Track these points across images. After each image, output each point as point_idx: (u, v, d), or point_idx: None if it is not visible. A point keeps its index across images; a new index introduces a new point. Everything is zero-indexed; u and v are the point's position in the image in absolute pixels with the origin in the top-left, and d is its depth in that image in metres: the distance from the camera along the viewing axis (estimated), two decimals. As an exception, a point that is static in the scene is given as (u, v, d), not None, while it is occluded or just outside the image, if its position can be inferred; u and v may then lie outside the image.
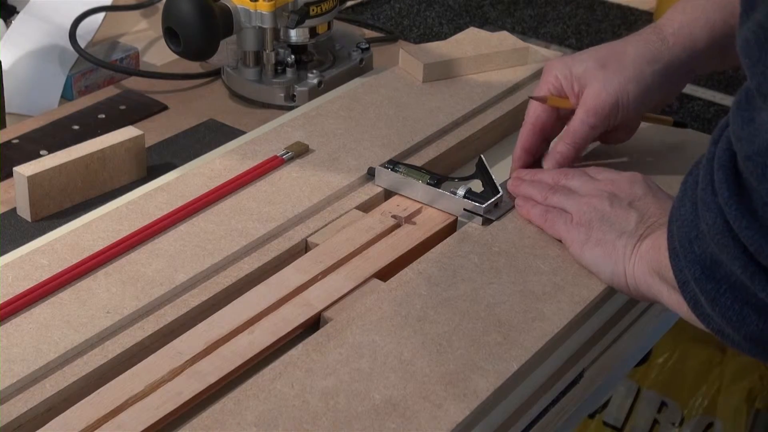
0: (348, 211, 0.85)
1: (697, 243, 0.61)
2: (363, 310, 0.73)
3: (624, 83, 0.81)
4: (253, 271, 0.77)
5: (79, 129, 1.01)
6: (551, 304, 0.74)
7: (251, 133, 0.97)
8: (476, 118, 0.98)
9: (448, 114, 0.97)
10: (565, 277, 0.77)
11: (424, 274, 0.77)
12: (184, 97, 1.10)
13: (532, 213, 0.82)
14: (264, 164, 0.88)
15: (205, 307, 0.74)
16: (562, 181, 0.83)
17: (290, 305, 0.74)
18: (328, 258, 0.79)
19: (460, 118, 0.97)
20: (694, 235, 0.61)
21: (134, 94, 1.09)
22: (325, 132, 0.94)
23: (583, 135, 0.83)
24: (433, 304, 0.74)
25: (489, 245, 0.80)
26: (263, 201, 0.84)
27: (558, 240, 0.80)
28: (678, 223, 0.63)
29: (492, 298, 0.75)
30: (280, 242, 0.80)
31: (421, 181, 0.86)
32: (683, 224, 0.62)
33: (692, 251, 0.61)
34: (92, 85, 1.10)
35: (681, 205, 0.63)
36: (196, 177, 0.86)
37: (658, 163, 0.92)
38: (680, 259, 0.63)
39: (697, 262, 0.61)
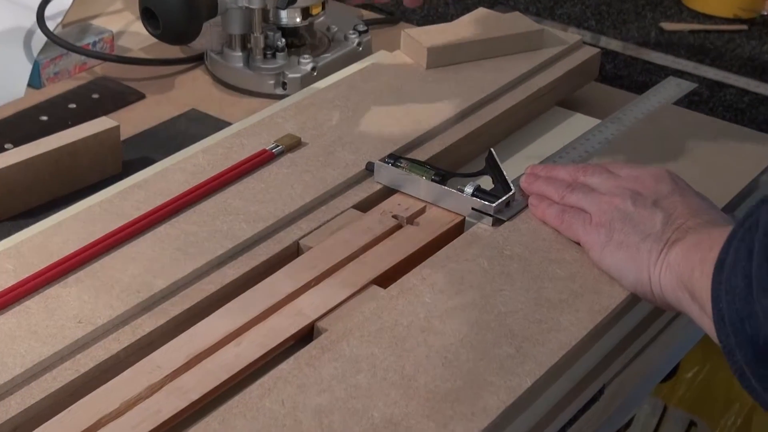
0: (344, 211, 0.85)
1: (750, 323, 0.61)
2: (361, 319, 0.73)
3: None
4: (239, 277, 0.77)
5: (48, 120, 1.01)
6: (568, 313, 0.75)
7: (237, 124, 0.97)
8: (486, 108, 0.98)
9: (455, 103, 0.97)
10: (584, 284, 0.77)
11: (428, 281, 0.77)
12: (164, 84, 1.10)
13: (547, 213, 0.82)
14: (252, 159, 0.88)
15: (186, 316, 0.74)
16: (580, 177, 0.83)
17: (280, 314, 0.74)
18: (322, 262, 0.79)
19: (468, 108, 0.97)
20: (747, 314, 0.61)
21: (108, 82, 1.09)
22: (319, 123, 0.94)
23: None
24: (438, 313, 0.74)
25: (500, 248, 0.80)
26: (251, 200, 0.84)
27: (576, 243, 0.80)
28: (728, 297, 0.63)
29: (503, 306, 0.75)
30: (269, 245, 0.80)
31: (425, 177, 0.86)
32: (734, 299, 0.62)
33: (743, 330, 0.61)
34: (62, 72, 1.10)
35: (732, 275, 0.63)
36: (176, 173, 0.87)
37: (684, 157, 0.92)
38: (729, 334, 0.63)
39: (749, 343, 0.61)
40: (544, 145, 0.99)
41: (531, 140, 1.01)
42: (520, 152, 0.99)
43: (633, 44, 1.32)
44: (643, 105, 1.01)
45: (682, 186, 0.79)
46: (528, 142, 1.00)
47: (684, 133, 0.96)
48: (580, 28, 1.34)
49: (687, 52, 1.31)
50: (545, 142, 1.00)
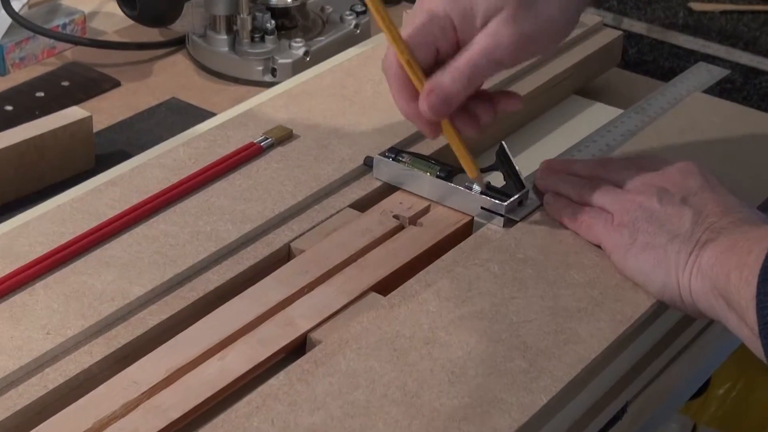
0: (340, 210, 0.85)
1: None
2: (358, 330, 0.73)
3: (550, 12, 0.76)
4: (224, 283, 0.77)
5: (13, 110, 1.01)
6: (588, 323, 0.74)
7: (222, 114, 0.97)
8: (496, 97, 0.98)
9: (462, 92, 0.97)
10: (605, 291, 0.77)
11: (432, 287, 0.77)
12: (141, 71, 1.10)
13: (564, 212, 0.82)
14: (238, 153, 0.88)
15: (166, 326, 0.74)
16: (601, 173, 0.83)
17: (270, 324, 0.74)
18: (315, 267, 0.79)
19: (476, 96, 0.97)
20: None
21: (80, 68, 1.09)
22: (312, 114, 0.94)
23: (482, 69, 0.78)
24: (443, 323, 0.74)
25: (512, 252, 0.80)
26: (237, 198, 0.84)
27: (596, 245, 0.80)
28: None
29: (516, 315, 0.75)
30: (257, 248, 0.80)
31: (429, 173, 0.86)
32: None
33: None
34: (28, 57, 1.10)
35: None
36: (155, 169, 0.86)
37: (715, 150, 0.92)
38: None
39: None
40: (561, 137, 0.99)
41: (546, 132, 1.01)
42: (534, 145, 0.98)
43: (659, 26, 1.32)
44: (670, 93, 1.01)
45: (712, 182, 0.79)
46: (543, 135, 1.00)
47: (715, 124, 0.95)
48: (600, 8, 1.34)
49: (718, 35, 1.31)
50: (562, 134, 1.00)
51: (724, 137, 0.94)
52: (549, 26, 0.77)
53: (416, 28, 0.77)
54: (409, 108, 0.78)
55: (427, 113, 0.77)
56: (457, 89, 0.77)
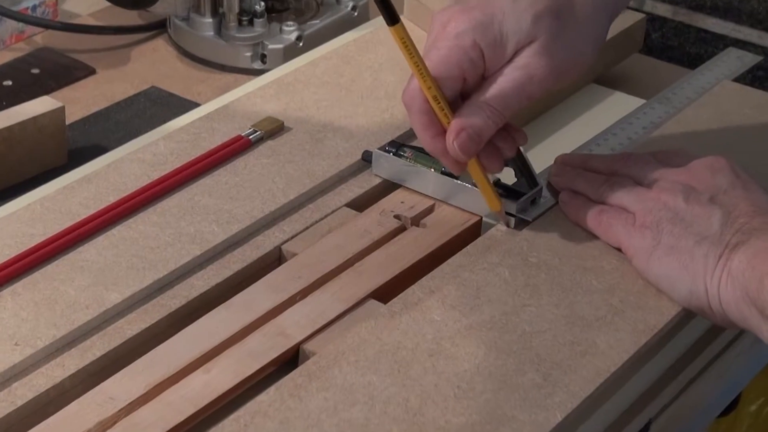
0: (336, 210, 0.85)
1: None
2: (356, 341, 0.73)
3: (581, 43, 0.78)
4: (209, 290, 0.77)
5: (-22, 100, 1.01)
6: (607, 333, 0.74)
7: (207, 105, 0.97)
8: (507, 86, 0.98)
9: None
10: (626, 298, 0.77)
11: (437, 294, 0.77)
12: (118, 57, 1.10)
13: (581, 212, 0.82)
14: (224, 147, 0.88)
15: (145, 337, 0.74)
16: (621, 169, 0.83)
17: (259, 335, 0.74)
18: (309, 272, 0.79)
19: (485, 85, 0.97)
20: None
21: (51, 54, 1.09)
22: (305, 104, 0.94)
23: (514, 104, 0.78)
24: (449, 333, 0.74)
25: (524, 255, 0.80)
26: (223, 196, 0.84)
27: (616, 248, 0.80)
28: None
29: (528, 325, 0.75)
30: (245, 251, 0.80)
31: (434, 169, 0.86)
32: None
33: None
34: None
35: None
36: (133, 164, 0.86)
37: (746, 144, 0.92)
38: None
39: None
40: (578, 129, 0.99)
41: (562, 124, 1.01)
42: (548, 139, 0.98)
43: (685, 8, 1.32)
44: (697, 82, 1.01)
45: (743, 179, 0.79)
46: (558, 127, 1.00)
47: (746, 115, 0.95)
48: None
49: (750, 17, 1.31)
50: (579, 126, 1.00)
51: (756, 129, 0.94)
52: (580, 56, 0.78)
53: (443, 58, 0.76)
54: (435, 144, 0.78)
55: (456, 153, 0.77)
56: (489, 127, 0.77)
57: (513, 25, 0.75)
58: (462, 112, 0.77)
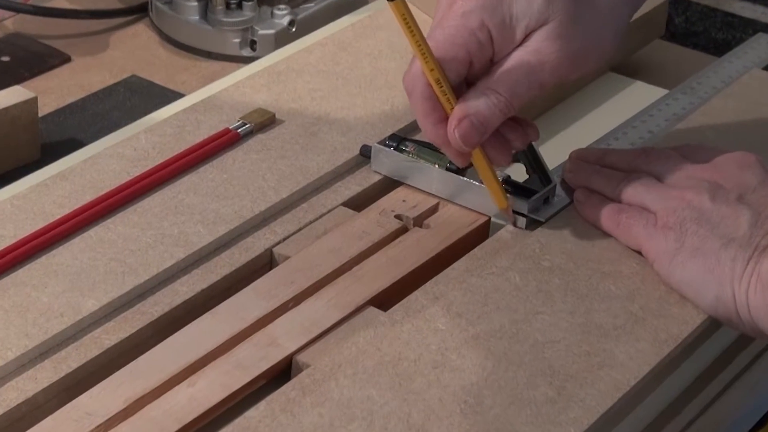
0: (332, 209, 0.85)
1: None
2: (354, 352, 0.73)
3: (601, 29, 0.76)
4: (194, 296, 0.77)
5: (-57, 90, 1.01)
6: (626, 343, 0.75)
7: (192, 96, 0.97)
8: (518, 75, 0.98)
9: (477, 68, 0.97)
10: (647, 305, 0.77)
11: (442, 301, 0.77)
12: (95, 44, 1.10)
13: (598, 212, 0.82)
14: (211, 141, 0.88)
15: (125, 347, 0.74)
16: (641, 165, 0.83)
17: (248, 345, 0.74)
18: (303, 277, 0.79)
19: (494, 74, 0.97)
20: None
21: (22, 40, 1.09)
22: (299, 95, 0.94)
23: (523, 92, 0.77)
24: (455, 343, 0.74)
25: (536, 258, 0.80)
26: (209, 194, 0.84)
27: (636, 251, 0.80)
28: None
29: (541, 334, 0.75)
30: (234, 254, 0.80)
31: (438, 165, 0.86)
32: None
33: None
34: (-38, 27, 1.10)
35: None
36: (112, 160, 0.87)
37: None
38: None
39: None
40: (594, 122, 0.99)
41: (577, 116, 1.01)
42: (562, 132, 0.98)
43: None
44: (724, 70, 1.01)
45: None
46: (573, 119, 1.00)
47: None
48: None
49: (781, 0, 1.31)
50: (595, 118, 1.00)
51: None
52: (597, 43, 0.76)
53: (448, 39, 0.75)
54: (437, 132, 0.77)
55: (457, 142, 0.76)
56: (495, 115, 0.76)
57: (523, 5, 0.75)
58: (466, 97, 0.76)
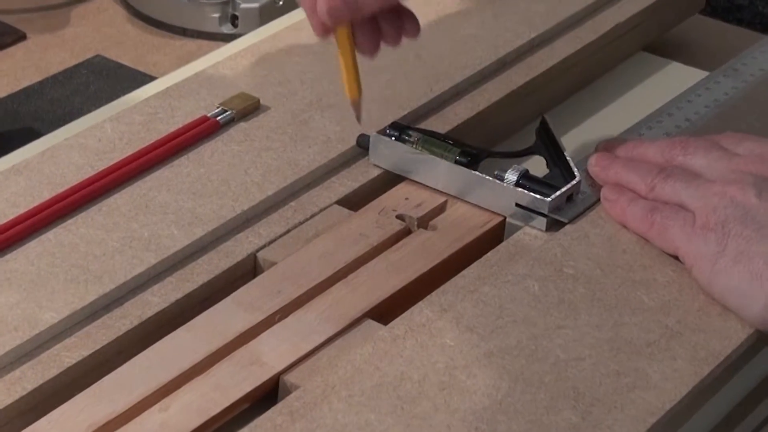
0: (325, 208, 0.85)
1: None
2: (350, 371, 0.73)
3: None
4: (167, 308, 0.77)
5: None
6: (660, 361, 0.75)
7: (165, 78, 0.97)
8: (537, 55, 0.98)
9: (490, 47, 0.97)
10: (684, 317, 0.77)
11: (450, 313, 0.77)
12: (54, 19, 1.10)
13: (629, 211, 0.82)
14: (186, 130, 0.88)
15: (88, 366, 0.74)
16: (678, 157, 0.83)
17: (229, 363, 0.74)
18: (291, 286, 0.79)
19: (509, 53, 0.97)
20: None
21: (-29, 15, 1.09)
22: (286, 77, 0.94)
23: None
24: (464, 361, 0.74)
25: (558, 264, 0.80)
26: (185, 191, 0.84)
27: (672, 256, 0.80)
28: None
29: (563, 351, 0.75)
30: (212, 259, 0.80)
31: (446, 157, 0.86)
32: None
33: None
34: None
35: None
36: (73, 152, 0.87)
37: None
38: None
39: None
40: (624, 109, 0.99)
41: (605, 102, 1.01)
42: (588, 120, 0.98)
43: (757, -42, 1.33)
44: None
45: (830, 170, 0.80)
46: (600, 105, 1.00)
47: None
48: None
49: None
50: (626, 104, 1.00)
51: None
52: None
53: None
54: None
55: (323, 13, 0.77)
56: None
57: None
58: None
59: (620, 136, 0.91)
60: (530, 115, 0.95)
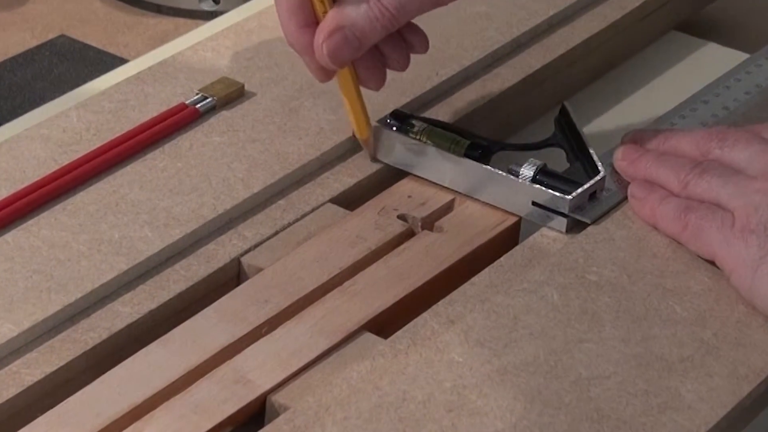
0: (317, 208, 0.85)
1: None
2: (345, 390, 0.73)
3: None
4: (140, 319, 0.77)
5: None
6: (695, 380, 0.75)
7: (138, 61, 0.97)
8: (555, 35, 0.99)
9: (504, 26, 0.97)
10: (722, 330, 0.77)
11: (458, 325, 0.77)
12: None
13: (660, 211, 0.82)
14: (162, 120, 0.88)
15: (51, 384, 0.74)
16: (715, 150, 0.83)
17: (210, 382, 0.74)
18: (280, 294, 0.79)
19: (525, 33, 0.97)
20: None
21: None
22: (274, 60, 0.94)
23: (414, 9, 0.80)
24: (474, 380, 0.74)
25: (580, 270, 0.80)
26: (160, 188, 0.84)
27: (709, 260, 0.80)
28: None
29: (585, 368, 0.75)
30: (191, 265, 0.81)
31: (454, 150, 0.86)
32: None
33: None
34: None
35: None
36: (34, 144, 0.87)
37: None
38: None
39: None
40: (655, 96, 0.99)
41: (633, 87, 1.01)
42: (614, 108, 0.99)
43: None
44: (822, 29, 1.01)
45: None
46: (627, 92, 1.00)
47: None
48: None
49: None
50: (656, 90, 1.00)
51: None
52: None
53: None
54: (301, 38, 0.79)
55: (323, 58, 0.78)
56: (375, 31, 0.78)
57: None
58: (343, 2, 0.77)
59: (650, 126, 0.91)
60: (548, 103, 0.95)
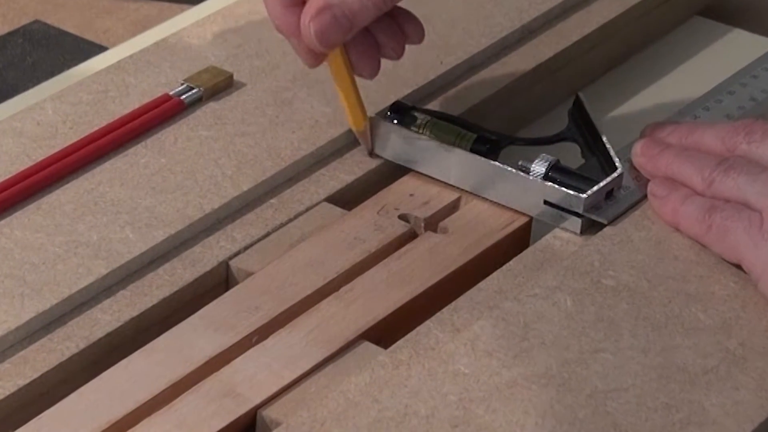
0: (312, 207, 0.85)
1: None
2: (342, 404, 0.73)
3: None
4: (121, 327, 0.78)
5: None
6: (720, 392, 0.75)
7: (118, 48, 0.97)
8: (569, 21, 0.99)
9: (513, 11, 0.98)
10: (749, 339, 0.78)
11: (464, 334, 0.77)
12: (-17, -24, 1.11)
13: (683, 211, 0.82)
14: (144, 112, 0.88)
15: (26, 397, 0.74)
16: (741, 145, 0.83)
17: (196, 395, 0.75)
18: (272, 300, 0.79)
19: (536, 19, 0.98)
20: None
21: None
22: (265, 48, 0.94)
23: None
24: (482, 393, 0.74)
25: (595, 274, 0.81)
26: (142, 186, 0.85)
27: (735, 264, 0.81)
28: None
29: (602, 380, 0.75)
30: (176, 269, 0.81)
31: (460, 145, 0.86)
32: None
33: None
34: None
35: None
36: (7, 138, 0.87)
37: None
38: None
39: None
40: (677, 85, 1.00)
41: (654, 76, 1.01)
42: (633, 98, 0.99)
43: None
44: None
45: None
46: (648, 81, 1.00)
47: None
48: None
49: None
50: (678, 80, 1.00)
51: None
52: None
53: None
54: (287, 18, 0.79)
55: (311, 39, 0.78)
56: (366, 10, 0.78)
57: None
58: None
59: (671, 119, 0.91)
60: (561, 94, 0.95)
